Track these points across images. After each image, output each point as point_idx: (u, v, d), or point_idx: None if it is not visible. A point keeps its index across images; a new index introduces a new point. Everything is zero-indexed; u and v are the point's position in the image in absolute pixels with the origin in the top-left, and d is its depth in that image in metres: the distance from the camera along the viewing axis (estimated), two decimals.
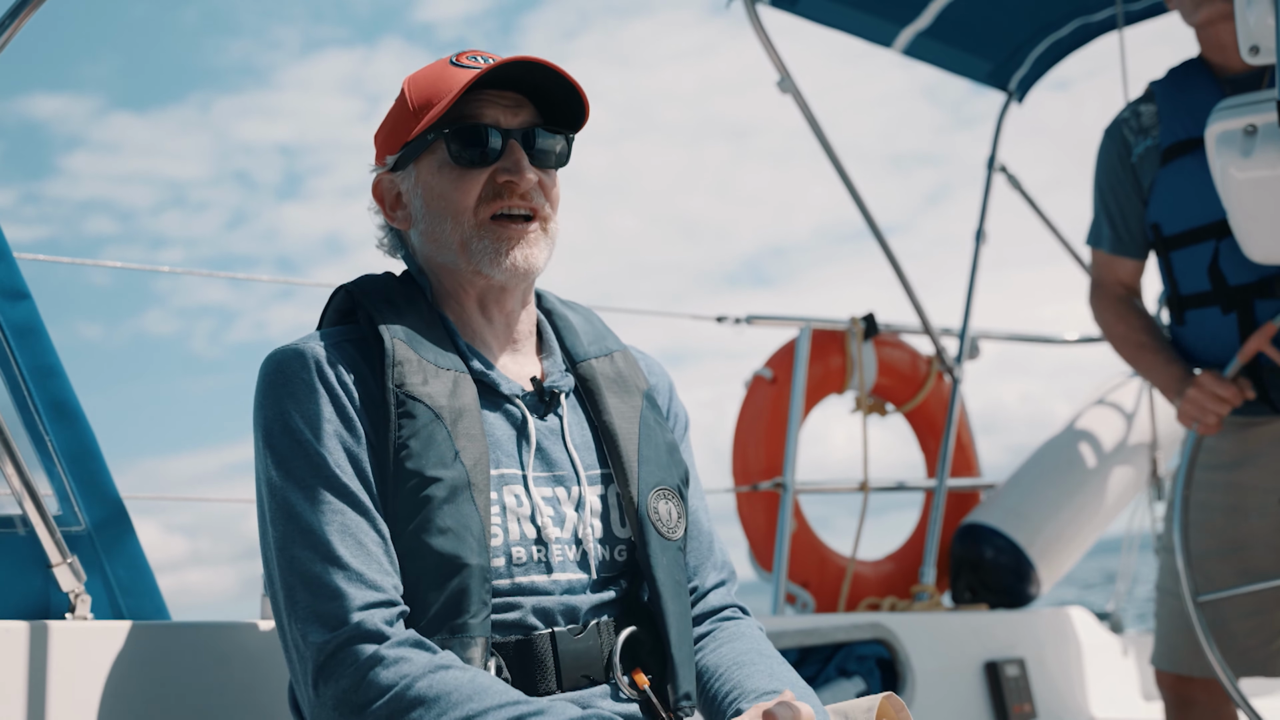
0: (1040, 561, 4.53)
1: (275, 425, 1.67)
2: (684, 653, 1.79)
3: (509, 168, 1.77)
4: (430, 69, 1.83)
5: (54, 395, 2.27)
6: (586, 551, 1.78)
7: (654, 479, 1.83)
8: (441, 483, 1.65)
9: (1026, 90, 4.87)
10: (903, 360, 4.80)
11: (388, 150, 1.85)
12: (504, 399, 1.80)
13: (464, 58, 1.80)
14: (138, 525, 2.35)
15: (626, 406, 1.88)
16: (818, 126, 4.27)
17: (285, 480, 1.65)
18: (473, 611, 1.64)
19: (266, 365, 1.72)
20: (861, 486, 4.50)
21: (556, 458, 1.81)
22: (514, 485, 1.75)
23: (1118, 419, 4.79)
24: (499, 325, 1.86)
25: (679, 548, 1.84)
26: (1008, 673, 4.05)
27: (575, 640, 1.73)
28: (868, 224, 4.49)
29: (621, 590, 1.82)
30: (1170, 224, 3.11)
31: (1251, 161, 2.70)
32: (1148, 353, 3.16)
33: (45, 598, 2.17)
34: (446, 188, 1.79)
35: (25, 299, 2.28)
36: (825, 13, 4.23)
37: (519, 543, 1.72)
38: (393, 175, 1.85)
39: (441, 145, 1.79)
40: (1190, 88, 3.13)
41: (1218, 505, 3.07)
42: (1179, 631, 3.13)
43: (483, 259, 1.78)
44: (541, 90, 1.81)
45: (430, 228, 1.81)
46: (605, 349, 1.94)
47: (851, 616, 3.87)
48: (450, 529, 1.64)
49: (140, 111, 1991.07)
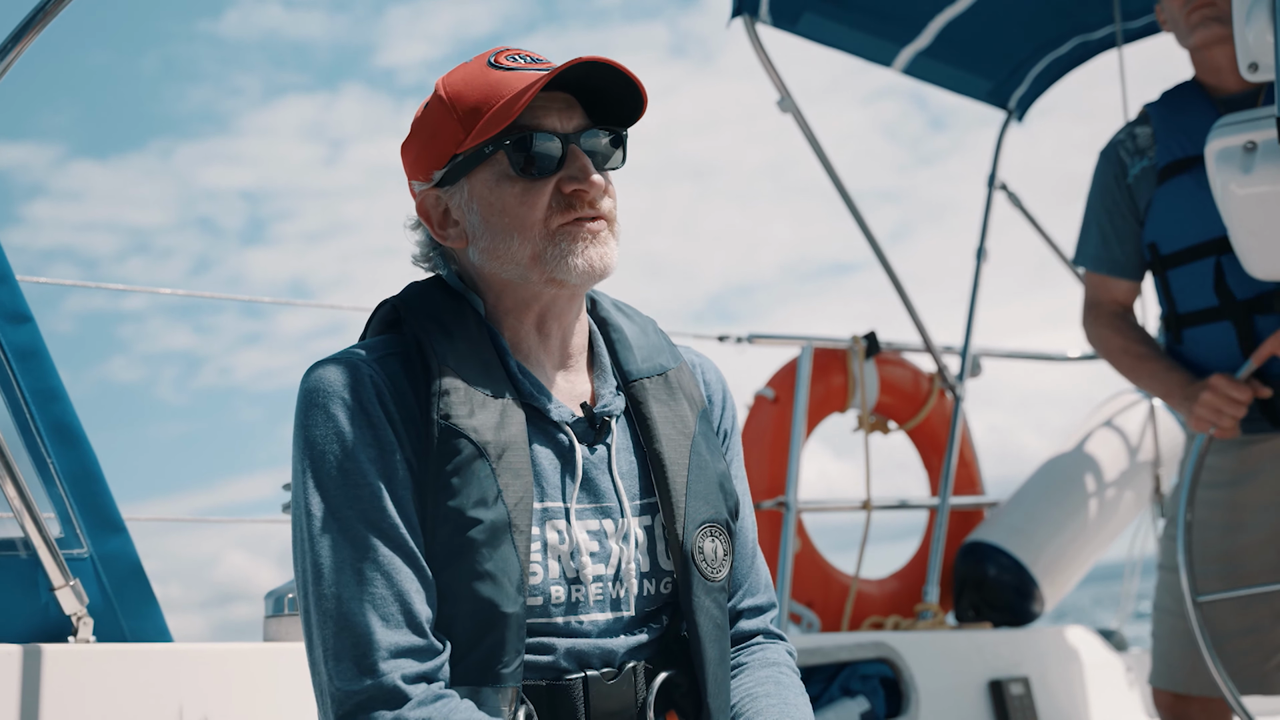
0: (1044, 579, 4.52)
1: (315, 447, 1.60)
2: (720, 700, 1.72)
3: (576, 175, 1.67)
4: (467, 72, 1.71)
5: (56, 418, 2.27)
6: (629, 588, 1.71)
7: (702, 515, 1.74)
8: (482, 524, 1.58)
9: (1026, 108, 4.88)
10: (904, 378, 4.80)
11: (432, 164, 1.72)
12: (553, 426, 1.71)
13: (503, 59, 1.69)
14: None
15: (678, 434, 1.77)
16: (818, 145, 4.28)
17: (323, 509, 1.58)
18: (505, 661, 1.59)
19: (309, 381, 1.63)
20: (864, 505, 4.49)
21: (603, 488, 1.72)
22: (557, 520, 1.68)
23: (1120, 437, 4.78)
24: (555, 341, 1.76)
25: (721, 588, 1.75)
26: (1012, 691, 4.03)
27: (608, 685, 1.66)
28: (868, 241, 4.49)
29: (660, 628, 1.75)
30: (1167, 242, 3.12)
31: (1252, 178, 2.71)
32: (1148, 362, 3.15)
33: (48, 621, 2.17)
34: (510, 202, 1.67)
35: (28, 322, 2.28)
36: (825, 33, 4.24)
37: (558, 581, 1.66)
38: (438, 191, 1.73)
39: (501, 158, 1.67)
40: (1186, 109, 3.14)
41: (1216, 523, 3.07)
42: (1177, 650, 3.12)
43: (558, 265, 1.66)
44: (589, 87, 1.70)
45: (493, 245, 1.69)
46: (660, 366, 1.83)
47: (855, 636, 3.86)
48: (489, 574, 1.58)
49: (101, 159, 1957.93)
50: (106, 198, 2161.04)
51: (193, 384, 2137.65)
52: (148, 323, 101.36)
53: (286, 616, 2.63)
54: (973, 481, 4.93)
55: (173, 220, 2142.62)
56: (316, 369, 1.64)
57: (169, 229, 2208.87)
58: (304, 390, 1.64)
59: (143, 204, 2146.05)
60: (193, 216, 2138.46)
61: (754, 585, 1.89)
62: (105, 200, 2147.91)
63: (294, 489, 1.63)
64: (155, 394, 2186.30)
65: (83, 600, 2.17)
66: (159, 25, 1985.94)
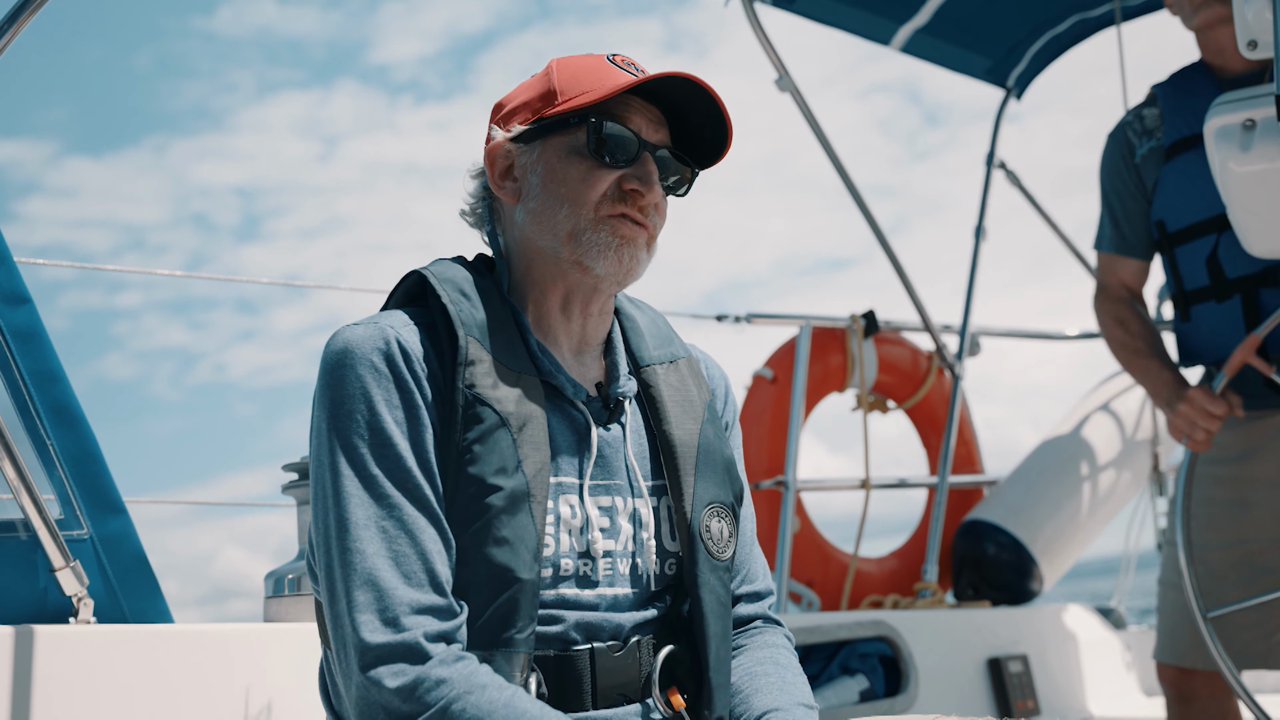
0: (1042, 558, 4.53)
1: (342, 407, 1.63)
2: (722, 675, 1.76)
3: (640, 177, 1.73)
4: (583, 58, 1.80)
5: (56, 400, 2.27)
6: (636, 565, 1.76)
7: (709, 495, 1.80)
8: (501, 491, 1.63)
9: (1025, 86, 4.87)
10: (903, 357, 4.80)
11: (517, 119, 1.79)
12: (569, 404, 1.76)
13: (620, 60, 1.77)
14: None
15: (687, 418, 1.84)
16: (816, 124, 4.27)
17: (349, 466, 1.61)
18: (519, 626, 1.62)
19: (335, 343, 1.66)
20: (863, 484, 4.50)
21: (615, 466, 1.77)
22: (570, 495, 1.72)
23: (1119, 416, 4.79)
24: (575, 325, 1.81)
25: (726, 567, 1.80)
26: (1011, 669, 4.05)
27: (614, 658, 1.71)
28: (867, 221, 4.49)
29: (665, 606, 1.79)
30: (1174, 220, 3.13)
31: (1250, 156, 2.71)
32: (1141, 359, 3.18)
33: (48, 602, 2.17)
34: (573, 175, 1.73)
35: (26, 303, 2.28)
36: (823, 11, 4.23)
37: (568, 554, 1.70)
38: (512, 145, 1.79)
39: (580, 132, 1.74)
40: (1192, 89, 3.15)
41: (1222, 499, 3.07)
42: (1181, 625, 3.13)
43: (591, 250, 1.73)
44: (683, 115, 1.79)
45: (542, 207, 1.75)
46: (671, 355, 1.90)
47: (854, 614, 3.87)
48: (506, 540, 1.62)
49: (96, 156, 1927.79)
50: (101, 194, 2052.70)
51: (188, 380, 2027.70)
52: (142, 319, 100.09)
53: (287, 597, 2.64)
54: (972, 460, 4.94)
55: (167, 217, 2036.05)
56: (343, 332, 1.67)
57: (164, 225, 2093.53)
58: (330, 352, 1.67)
59: (137, 200, 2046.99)
60: (187, 213, 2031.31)
61: (752, 572, 1.94)
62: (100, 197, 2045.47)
63: (317, 449, 1.66)
64: (151, 390, 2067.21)
65: (83, 581, 2.18)
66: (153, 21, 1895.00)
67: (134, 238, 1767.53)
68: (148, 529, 2.36)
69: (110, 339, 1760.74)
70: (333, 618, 1.60)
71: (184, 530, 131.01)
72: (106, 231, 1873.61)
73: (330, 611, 1.61)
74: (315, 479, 1.67)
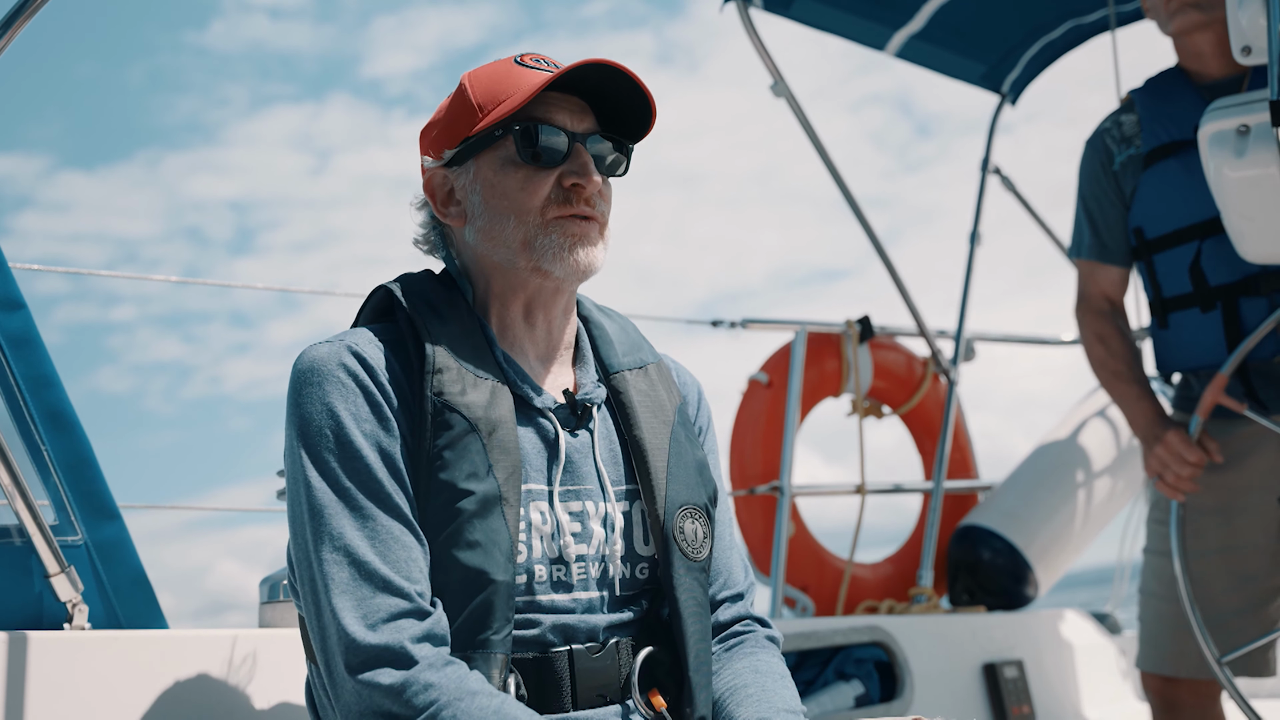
0: (1038, 563, 4.53)
1: (311, 424, 1.66)
2: (702, 675, 1.77)
3: (578, 170, 1.75)
4: (493, 67, 1.80)
5: (50, 405, 2.27)
6: (609, 569, 1.77)
7: (681, 497, 1.81)
8: (473, 496, 1.64)
9: (1020, 93, 4.88)
10: (898, 363, 4.80)
11: (445, 144, 1.81)
12: (536, 412, 1.78)
13: (528, 59, 1.78)
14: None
15: (658, 422, 1.85)
16: (811, 130, 4.28)
17: (321, 480, 1.64)
18: (495, 628, 1.63)
19: (302, 362, 1.69)
20: (858, 489, 4.50)
21: (585, 472, 1.79)
22: (540, 501, 1.74)
23: (1114, 421, 4.79)
24: (540, 332, 1.83)
25: (703, 568, 1.81)
26: (1006, 674, 4.05)
27: (593, 659, 1.72)
28: (862, 226, 4.49)
29: (642, 610, 1.80)
30: (1153, 227, 3.13)
31: (1245, 161, 2.71)
32: (1121, 383, 3.17)
33: (42, 608, 2.17)
34: (511, 186, 1.75)
35: (21, 309, 2.27)
36: (818, 17, 4.23)
37: (541, 560, 1.71)
38: (446, 171, 1.81)
39: (508, 142, 1.76)
40: (1170, 95, 3.16)
41: (1208, 507, 3.07)
42: (1164, 633, 3.13)
43: (545, 254, 1.75)
44: (603, 97, 1.79)
45: (489, 225, 1.78)
46: (640, 360, 1.92)
47: (849, 620, 3.87)
48: (479, 543, 1.63)
49: (89, 170, 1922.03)
50: (94, 209, 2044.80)
51: (182, 394, 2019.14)
52: (136, 333, 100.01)
53: (282, 603, 2.63)
54: (967, 465, 4.94)
55: (160, 231, 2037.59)
56: (308, 352, 1.70)
57: (157, 239, 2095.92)
58: (297, 371, 1.70)
59: (130, 214, 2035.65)
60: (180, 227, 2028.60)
61: (733, 576, 1.95)
62: (93, 211, 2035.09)
63: (290, 467, 1.68)
64: (145, 404, 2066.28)
65: (77, 587, 2.17)
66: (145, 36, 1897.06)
67: (127, 251, 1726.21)
68: (142, 542, 2.36)
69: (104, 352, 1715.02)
70: (319, 629, 1.61)
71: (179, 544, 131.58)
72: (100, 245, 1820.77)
73: (316, 624, 1.62)
74: (291, 497, 1.69)
